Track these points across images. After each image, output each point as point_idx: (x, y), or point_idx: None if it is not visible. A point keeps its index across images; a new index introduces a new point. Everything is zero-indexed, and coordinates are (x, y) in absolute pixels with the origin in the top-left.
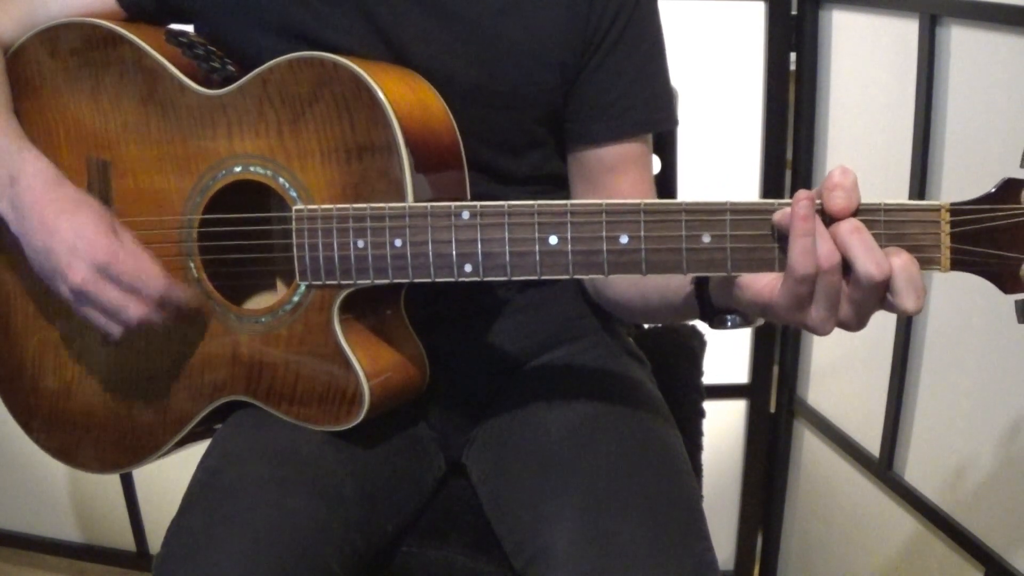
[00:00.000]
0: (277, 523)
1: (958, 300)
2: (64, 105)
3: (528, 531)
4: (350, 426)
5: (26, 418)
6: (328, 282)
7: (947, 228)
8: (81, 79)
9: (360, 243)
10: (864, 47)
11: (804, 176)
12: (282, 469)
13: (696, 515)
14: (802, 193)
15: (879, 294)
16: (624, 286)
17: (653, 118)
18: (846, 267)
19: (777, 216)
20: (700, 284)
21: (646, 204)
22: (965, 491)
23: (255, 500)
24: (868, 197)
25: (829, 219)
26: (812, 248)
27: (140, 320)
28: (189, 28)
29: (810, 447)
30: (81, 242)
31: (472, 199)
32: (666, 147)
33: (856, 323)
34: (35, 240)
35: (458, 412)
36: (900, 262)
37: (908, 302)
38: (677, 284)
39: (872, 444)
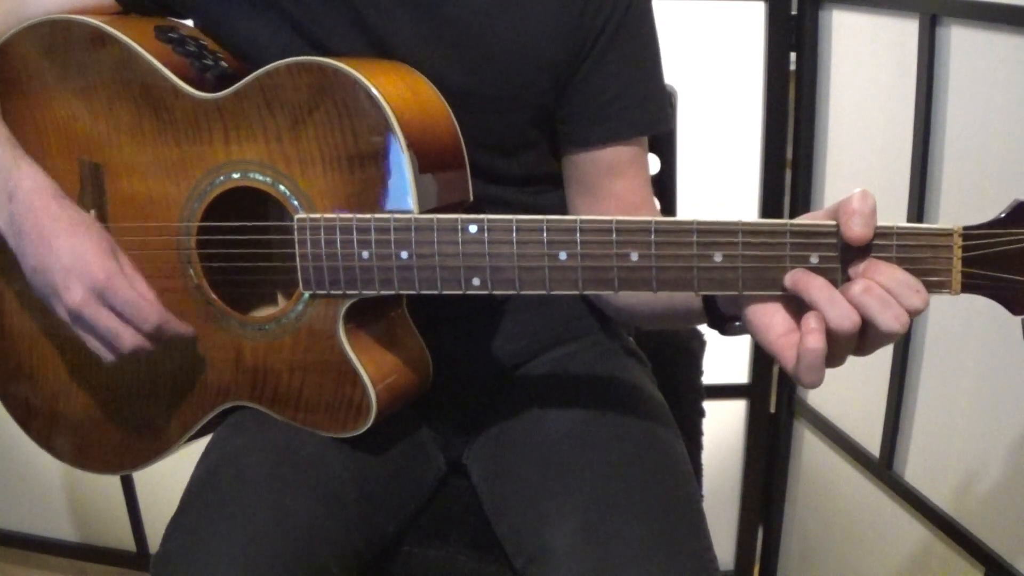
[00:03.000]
0: (275, 523)
1: (958, 300)
2: (53, 105)
3: (528, 531)
4: (358, 433)
5: (26, 419)
6: (333, 292)
7: (959, 252)
8: (70, 78)
9: (365, 254)
10: (864, 47)
11: (804, 176)
12: (281, 469)
13: (696, 515)
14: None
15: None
16: (628, 294)
17: (648, 120)
18: None
19: (788, 281)
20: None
21: (657, 222)
22: (965, 491)
23: (254, 499)
24: (879, 207)
25: (843, 245)
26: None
27: (133, 349)
28: (187, 22)
29: (810, 447)
30: (79, 263)
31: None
32: (666, 147)
33: (867, 354)
34: (32, 258)
35: (458, 412)
36: (891, 279)
37: (917, 302)
38: (683, 293)
39: (872, 444)
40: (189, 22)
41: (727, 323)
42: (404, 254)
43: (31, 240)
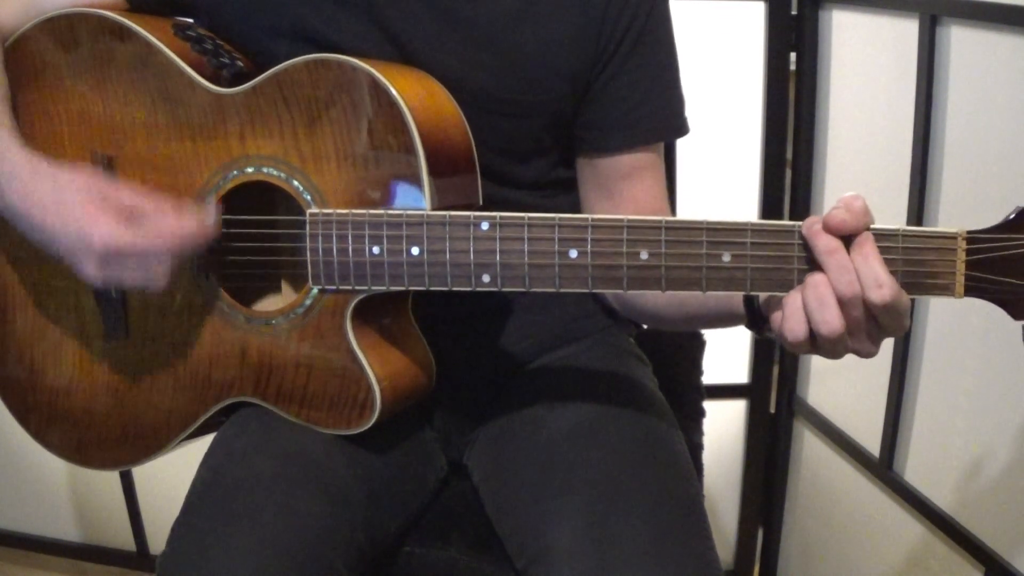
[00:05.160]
0: (284, 523)
1: (957, 300)
2: (67, 97)
3: (530, 531)
4: (361, 430)
5: (24, 414)
6: (342, 287)
7: (963, 256)
8: (86, 71)
9: (376, 249)
10: (864, 47)
11: (804, 176)
12: (288, 468)
13: (698, 515)
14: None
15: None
16: (658, 297)
17: (669, 126)
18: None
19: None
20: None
21: (667, 221)
22: (965, 491)
23: (261, 500)
24: (879, 206)
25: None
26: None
27: (170, 278)
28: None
29: (810, 447)
30: (75, 239)
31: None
32: (666, 147)
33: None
34: (49, 245)
35: (460, 413)
36: (864, 261)
37: (873, 293)
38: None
39: (872, 444)
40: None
41: (766, 324)
42: (415, 250)
43: (29, 227)
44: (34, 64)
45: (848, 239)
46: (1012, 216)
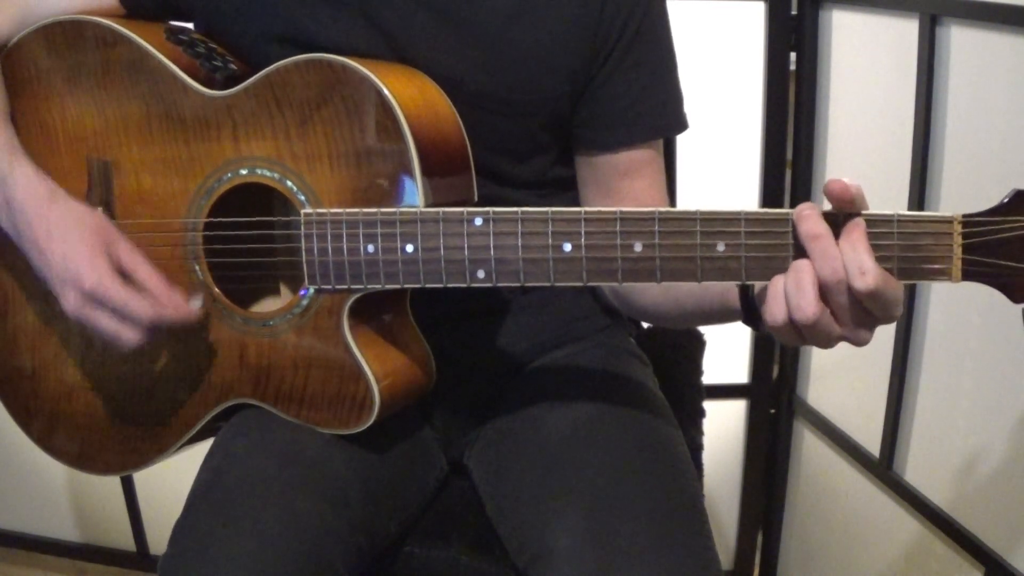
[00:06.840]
0: (283, 524)
1: (957, 299)
2: (63, 104)
3: (530, 531)
4: (360, 430)
5: (26, 420)
6: (338, 287)
7: (959, 240)
8: (80, 78)
9: (371, 248)
10: (864, 47)
11: (804, 176)
12: (287, 469)
13: (698, 514)
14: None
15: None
16: (655, 293)
17: (667, 123)
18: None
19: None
20: (743, 286)
21: (661, 212)
22: (965, 491)
23: (261, 501)
24: (878, 206)
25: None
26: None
27: (138, 342)
28: (189, 25)
29: (810, 447)
30: (69, 270)
31: (478, 201)
32: (666, 147)
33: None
34: (36, 263)
35: (460, 413)
36: (851, 247)
37: (858, 281)
38: (715, 287)
39: (872, 444)
40: (191, 26)
41: (762, 318)
42: (409, 247)
43: (30, 247)
44: (29, 71)
45: (839, 226)
46: (1007, 199)
